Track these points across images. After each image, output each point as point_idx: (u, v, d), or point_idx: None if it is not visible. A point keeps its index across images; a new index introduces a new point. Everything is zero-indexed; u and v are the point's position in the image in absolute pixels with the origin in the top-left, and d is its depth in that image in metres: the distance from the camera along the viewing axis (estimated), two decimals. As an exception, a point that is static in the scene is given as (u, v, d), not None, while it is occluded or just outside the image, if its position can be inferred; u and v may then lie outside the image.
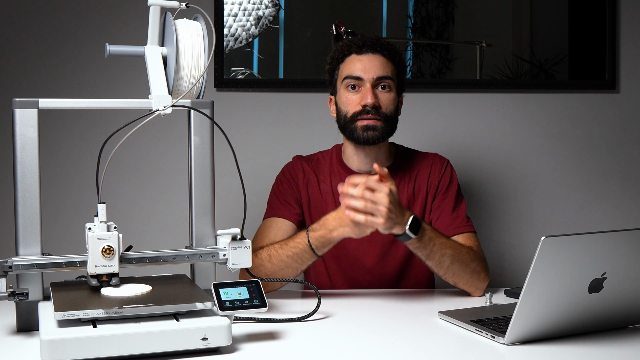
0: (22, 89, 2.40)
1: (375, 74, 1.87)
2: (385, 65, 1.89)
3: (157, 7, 1.49)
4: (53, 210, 2.35)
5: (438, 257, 1.72)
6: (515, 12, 2.59)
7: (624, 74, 2.63)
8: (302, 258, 1.73)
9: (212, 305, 1.33)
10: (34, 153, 1.41)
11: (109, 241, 1.34)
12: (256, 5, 2.46)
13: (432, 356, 1.33)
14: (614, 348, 1.35)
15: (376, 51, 1.90)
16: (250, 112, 2.53)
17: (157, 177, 2.50)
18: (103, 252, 1.33)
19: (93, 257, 1.33)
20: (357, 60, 1.90)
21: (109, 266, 1.34)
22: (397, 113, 1.94)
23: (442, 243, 1.73)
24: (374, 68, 1.88)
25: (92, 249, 1.33)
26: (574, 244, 1.29)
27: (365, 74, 1.87)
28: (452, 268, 1.75)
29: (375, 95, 1.87)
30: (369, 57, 1.89)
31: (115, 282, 1.36)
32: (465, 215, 1.94)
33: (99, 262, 1.34)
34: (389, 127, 1.90)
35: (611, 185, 2.65)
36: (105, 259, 1.34)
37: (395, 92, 1.91)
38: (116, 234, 1.35)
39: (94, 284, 1.36)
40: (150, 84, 1.46)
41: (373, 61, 1.89)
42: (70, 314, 1.25)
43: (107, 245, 1.34)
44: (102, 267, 1.34)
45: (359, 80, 1.88)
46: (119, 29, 2.44)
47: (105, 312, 1.26)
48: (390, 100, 1.89)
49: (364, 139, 1.88)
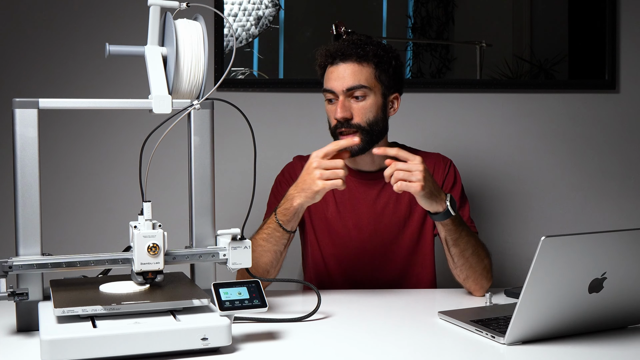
0: (22, 89, 2.40)
1: (345, 86, 1.83)
2: (358, 73, 1.83)
3: (157, 7, 1.49)
4: (53, 210, 2.35)
5: (464, 243, 1.75)
6: (515, 12, 2.59)
7: (624, 74, 2.63)
8: (275, 238, 1.76)
9: (209, 302, 1.35)
10: (34, 153, 1.41)
11: (155, 239, 1.37)
12: (256, 5, 2.46)
13: (432, 356, 1.33)
14: (614, 348, 1.35)
15: (347, 59, 1.84)
16: (250, 112, 2.51)
17: (157, 177, 2.50)
18: (149, 249, 1.36)
19: (139, 255, 1.36)
20: (331, 71, 1.87)
21: (154, 263, 1.37)
22: (380, 118, 1.87)
23: (469, 230, 1.78)
24: (343, 79, 1.83)
25: (138, 246, 1.36)
26: (574, 244, 1.29)
27: (336, 87, 1.84)
28: (471, 260, 1.77)
29: (347, 107, 1.84)
30: (341, 67, 1.85)
31: (160, 279, 1.39)
32: (469, 217, 1.95)
33: (145, 259, 1.36)
34: (367, 136, 1.85)
35: (611, 185, 2.65)
36: (151, 256, 1.36)
37: (375, 97, 1.85)
38: (161, 231, 1.38)
39: (140, 281, 1.38)
40: (150, 84, 1.46)
41: (344, 71, 1.84)
42: (70, 310, 1.26)
43: (152, 243, 1.36)
44: (148, 265, 1.36)
45: (333, 93, 1.86)
46: (119, 29, 2.44)
47: (103, 308, 1.28)
48: (366, 108, 1.84)
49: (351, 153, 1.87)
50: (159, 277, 1.39)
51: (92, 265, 1.39)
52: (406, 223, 1.96)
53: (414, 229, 1.96)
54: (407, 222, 1.96)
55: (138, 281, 1.39)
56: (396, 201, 1.95)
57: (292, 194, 1.76)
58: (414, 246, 1.96)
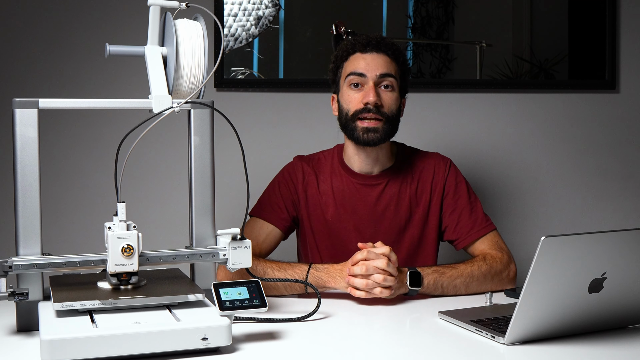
0: (22, 89, 2.40)
1: (379, 71, 1.87)
2: (389, 64, 1.89)
3: (157, 7, 1.49)
4: (53, 210, 2.35)
5: (451, 290, 1.76)
6: (515, 12, 2.59)
7: (624, 74, 2.63)
8: (293, 287, 1.76)
9: (204, 296, 1.36)
10: (34, 153, 1.41)
11: (129, 240, 1.36)
12: (256, 5, 2.46)
13: (432, 356, 1.33)
14: (614, 348, 1.35)
15: (380, 50, 1.90)
16: (250, 112, 2.53)
17: (157, 177, 2.50)
18: (123, 250, 1.35)
19: (113, 256, 1.35)
20: (361, 58, 1.90)
21: (128, 265, 1.36)
22: (399, 114, 1.93)
23: (450, 276, 1.76)
24: (377, 66, 1.88)
25: (112, 247, 1.35)
26: (574, 244, 1.29)
27: (369, 71, 1.87)
28: (471, 289, 1.78)
29: (378, 94, 1.87)
30: (373, 55, 1.89)
31: (135, 280, 1.39)
32: (483, 215, 1.94)
33: (118, 260, 1.36)
34: (390, 127, 1.89)
35: (611, 185, 2.65)
36: (125, 257, 1.36)
37: (398, 93, 1.91)
38: (135, 232, 1.37)
39: (114, 283, 1.38)
40: (150, 84, 1.46)
41: (377, 59, 1.88)
42: (68, 304, 1.28)
43: (127, 244, 1.36)
44: (121, 266, 1.36)
45: (362, 77, 1.87)
46: (119, 29, 2.44)
47: (101, 302, 1.30)
48: (393, 99, 1.89)
49: (364, 141, 1.88)
50: (133, 279, 1.39)
51: (92, 265, 1.39)
52: (406, 226, 1.95)
53: (415, 232, 1.95)
54: (407, 225, 1.95)
55: (112, 283, 1.38)
56: (396, 204, 1.95)
57: (334, 274, 1.72)
58: (414, 249, 1.96)
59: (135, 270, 1.37)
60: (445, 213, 1.95)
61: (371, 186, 1.96)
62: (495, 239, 1.91)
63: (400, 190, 1.95)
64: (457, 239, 1.93)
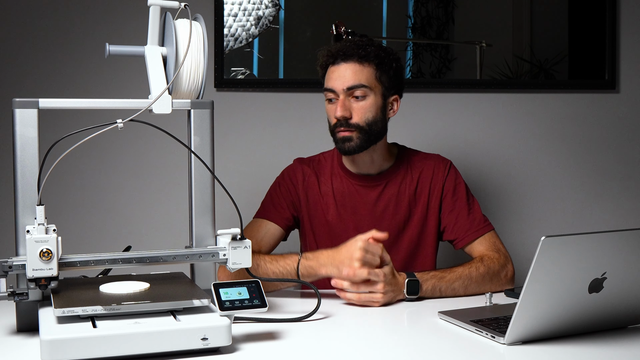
0: (22, 89, 2.40)
1: (346, 85, 1.86)
2: (358, 72, 1.86)
3: (157, 7, 1.49)
4: (53, 210, 2.35)
5: (450, 293, 1.76)
6: (515, 12, 2.59)
7: (624, 74, 2.63)
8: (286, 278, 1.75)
9: (209, 302, 1.34)
10: (34, 153, 1.41)
11: (47, 244, 1.31)
12: (256, 5, 2.46)
13: (432, 356, 1.32)
14: (614, 348, 1.35)
15: (348, 59, 1.87)
16: (250, 112, 2.53)
17: (157, 177, 2.50)
18: (41, 255, 1.30)
19: (31, 260, 1.30)
20: (332, 71, 1.89)
21: (47, 269, 1.30)
22: (380, 118, 1.90)
23: (449, 280, 1.76)
24: (344, 78, 1.86)
25: (29, 252, 1.30)
26: (574, 244, 1.29)
27: (337, 86, 1.87)
28: (469, 291, 1.78)
29: (347, 107, 1.86)
30: (342, 67, 1.87)
31: (54, 285, 1.32)
32: (481, 216, 1.95)
33: (37, 265, 1.30)
34: (365, 135, 1.88)
35: (611, 185, 2.65)
36: (44, 262, 1.30)
37: (374, 98, 1.88)
38: (55, 236, 1.31)
39: (32, 288, 1.32)
40: (150, 84, 1.46)
41: (346, 71, 1.87)
42: (70, 310, 1.25)
43: (45, 248, 1.30)
44: (40, 271, 1.30)
45: (333, 92, 1.88)
46: (119, 29, 2.44)
47: (103, 308, 1.27)
48: (366, 108, 1.87)
49: (344, 151, 1.90)
50: (52, 284, 1.32)
51: (92, 265, 1.39)
52: (406, 225, 1.96)
53: (414, 232, 1.96)
54: (407, 224, 1.96)
55: (30, 287, 1.32)
56: (396, 204, 1.96)
57: (324, 261, 1.72)
58: (414, 248, 1.97)
59: (54, 275, 1.31)
60: (444, 213, 1.96)
61: (370, 187, 1.96)
62: (493, 240, 1.91)
63: (399, 191, 1.96)
64: (455, 238, 1.93)
